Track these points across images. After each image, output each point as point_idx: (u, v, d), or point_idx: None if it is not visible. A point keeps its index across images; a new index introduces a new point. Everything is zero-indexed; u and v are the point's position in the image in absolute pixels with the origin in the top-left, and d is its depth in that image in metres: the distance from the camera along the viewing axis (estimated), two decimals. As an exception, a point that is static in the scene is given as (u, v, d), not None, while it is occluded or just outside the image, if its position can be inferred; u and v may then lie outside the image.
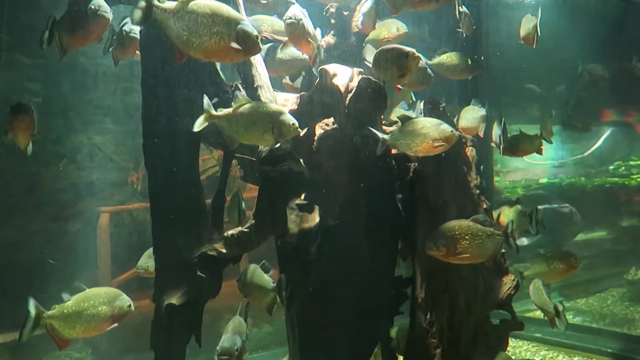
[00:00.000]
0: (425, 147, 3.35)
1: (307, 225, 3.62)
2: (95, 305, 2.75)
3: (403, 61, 3.28)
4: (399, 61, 3.29)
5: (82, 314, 2.72)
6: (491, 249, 3.38)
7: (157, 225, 3.43)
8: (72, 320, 2.72)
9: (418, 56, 3.31)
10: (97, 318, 2.75)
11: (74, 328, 2.73)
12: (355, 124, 3.67)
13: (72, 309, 2.72)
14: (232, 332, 3.06)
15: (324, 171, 3.78)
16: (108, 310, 2.77)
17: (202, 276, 3.32)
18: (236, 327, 3.13)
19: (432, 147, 3.34)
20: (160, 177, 3.42)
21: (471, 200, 3.93)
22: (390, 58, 3.32)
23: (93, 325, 2.76)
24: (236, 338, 3.01)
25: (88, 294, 2.77)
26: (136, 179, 5.97)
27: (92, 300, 2.75)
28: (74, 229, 5.63)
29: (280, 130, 3.06)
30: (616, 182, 8.97)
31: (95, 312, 2.74)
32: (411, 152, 3.46)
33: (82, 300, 2.75)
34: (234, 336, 3.02)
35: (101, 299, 2.78)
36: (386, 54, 3.33)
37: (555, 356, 5.44)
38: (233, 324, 3.15)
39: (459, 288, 3.77)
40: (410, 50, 3.30)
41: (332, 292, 3.80)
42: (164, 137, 3.36)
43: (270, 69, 3.82)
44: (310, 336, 3.81)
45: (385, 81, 3.50)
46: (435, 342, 3.66)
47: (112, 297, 2.81)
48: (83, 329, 2.75)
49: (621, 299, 7.15)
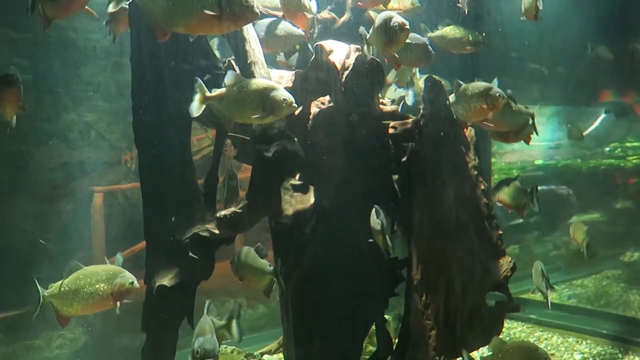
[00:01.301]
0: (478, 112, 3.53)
1: (301, 206, 3.56)
2: (93, 282, 2.71)
3: (392, 31, 3.20)
4: (388, 30, 3.21)
5: (79, 292, 2.69)
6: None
7: (147, 205, 3.36)
8: (70, 297, 2.70)
9: (407, 29, 3.22)
10: (96, 295, 2.71)
11: (72, 305, 2.71)
12: (351, 102, 3.58)
13: (69, 286, 2.69)
14: (210, 333, 2.83)
15: (320, 151, 3.70)
16: (107, 288, 2.72)
17: (194, 257, 3.26)
18: (210, 327, 2.90)
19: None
20: (151, 156, 3.34)
21: (469, 181, 3.87)
22: (381, 25, 3.24)
23: (92, 303, 2.72)
24: (214, 339, 2.80)
25: (86, 271, 2.73)
26: (130, 158, 5.88)
27: (89, 278, 2.71)
28: (66, 209, 5.56)
29: (272, 108, 2.96)
30: (612, 164, 8.95)
31: (93, 290, 2.71)
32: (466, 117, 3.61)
33: (79, 278, 2.71)
34: (213, 337, 2.81)
35: (100, 277, 2.73)
36: (379, 20, 3.26)
37: (550, 337, 5.46)
38: (208, 325, 2.90)
39: (455, 270, 3.74)
40: (401, 21, 3.21)
41: (327, 274, 3.76)
42: (154, 114, 3.26)
43: (265, 45, 3.71)
44: (304, 317, 3.78)
45: (375, 48, 3.42)
46: (431, 324, 3.63)
47: (112, 274, 2.76)
48: (81, 306, 2.71)
49: (616, 280, 7.18)
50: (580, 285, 7.20)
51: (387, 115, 3.84)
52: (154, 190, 3.35)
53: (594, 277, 7.40)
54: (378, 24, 3.29)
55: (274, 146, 3.32)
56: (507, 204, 4.07)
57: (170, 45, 3.26)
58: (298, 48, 3.87)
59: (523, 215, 4.05)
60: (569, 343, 5.28)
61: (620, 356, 4.90)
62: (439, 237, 3.68)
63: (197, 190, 3.43)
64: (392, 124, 3.78)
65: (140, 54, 3.25)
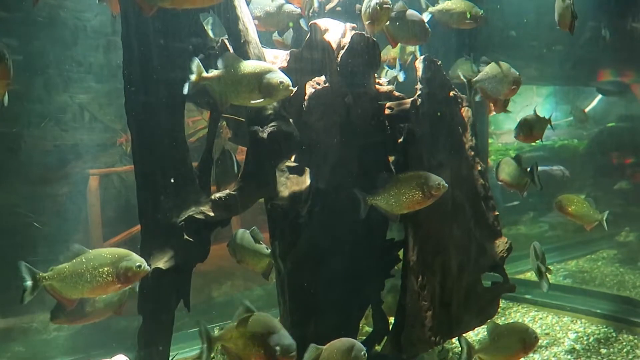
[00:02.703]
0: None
1: (297, 188, 3.53)
2: (96, 266, 2.67)
3: (373, 10, 3.21)
4: (370, 9, 3.23)
5: (82, 275, 2.66)
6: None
7: (141, 188, 3.31)
8: (73, 280, 2.67)
9: (387, 7, 3.23)
10: (100, 279, 2.67)
11: (76, 288, 2.68)
12: (347, 82, 3.53)
13: (71, 269, 2.66)
14: (279, 327, 2.72)
15: (315, 131, 3.66)
16: (112, 271, 2.68)
17: (189, 240, 3.23)
18: (276, 321, 2.80)
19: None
20: (144, 138, 3.28)
21: (466, 162, 3.85)
22: (365, 4, 3.26)
23: (97, 286, 2.69)
24: (287, 334, 2.70)
25: (90, 254, 2.69)
26: (125, 141, 5.82)
27: (93, 261, 2.67)
28: (62, 192, 5.52)
29: (268, 90, 2.92)
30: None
31: (97, 273, 2.67)
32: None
33: (82, 261, 2.68)
34: (284, 331, 2.71)
35: (104, 260, 2.69)
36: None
37: (545, 317, 5.50)
38: (272, 319, 2.78)
39: (451, 251, 3.74)
40: (382, 0, 3.20)
41: (323, 255, 3.75)
42: (146, 95, 3.20)
43: (258, 23, 3.64)
44: (301, 299, 3.78)
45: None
46: (427, 304, 3.64)
47: (117, 257, 2.71)
48: (87, 289, 2.69)
49: (611, 260, 7.22)
50: (575, 265, 7.24)
51: (384, 96, 3.80)
52: (147, 173, 3.31)
53: (589, 257, 7.44)
54: (365, 3, 3.30)
55: (268, 127, 3.28)
56: (508, 184, 4.06)
57: (162, 24, 3.18)
58: (291, 25, 3.80)
59: (523, 194, 4.04)
60: (563, 323, 5.32)
61: (614, 335, 4.94)
62: (435, 217, 3.66)
63: (192, 173, 3.39)
64: (388, 105, 3.74)
65: (131, 33, 3.17)
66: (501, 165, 4.07)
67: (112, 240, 5.58)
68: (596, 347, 4.74)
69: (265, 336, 2.69)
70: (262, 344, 2.68)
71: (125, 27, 3.22)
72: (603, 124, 9.24)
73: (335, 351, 2.69)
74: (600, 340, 4.86)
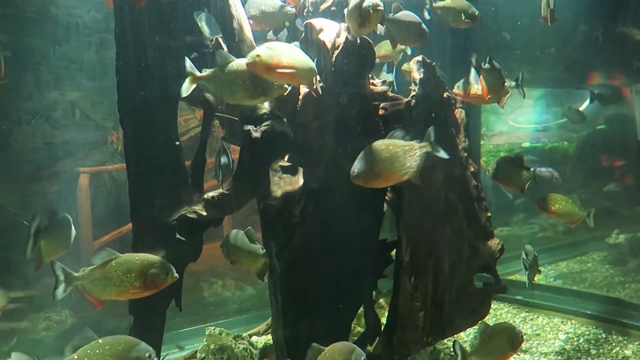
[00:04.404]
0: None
1: (290, 188, 3.52)
2: (125, 270, 2.75)
3: (365, 11, 3.14)
4: (361, 11, 3.15)
5: (111, 278, 2.74)
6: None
7: (133, 187, 3.29)
8: (102, 283, 2.75)
9: (380, 9, 3.16)
10: (127, 283, 2.76)
11: (105, 290, 2.76)
12: (341, 82, 3.52)
13: (101, 272, 2.74)
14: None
15: (309, 131, 3.65)
16: (139, 277, 2.76)
17: (181, 239, 3.21)
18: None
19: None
20: (136, 136, 3.26)
21: (459, 163, 3.85)
22: (355, 6, 3.19)
23: (124, 290, 2.77)
24: None
25: (120, 259, 2.77)
26: (116, 139, 5.78)
27: (122, 266, 2.75)
28: (51, 190, 5.47)
29: (263, 89, 2.91)
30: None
31: (125, 278, 2.75)
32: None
33: (112, 265, 2.75)
34: None
35: (133, 265, 2.77)
36: (354, 0, 3.21)
37: (536, 317, 5.52)
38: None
39: (443, 251, 3.74)
40: (375, 2, 3.15)
41: (316, 255, 3.74)
42: (139, 93, 3.17)
43: (254, 23, 3.63)
44: (293, 299, 3.77)
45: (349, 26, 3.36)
46: (419, 305, 3.64)
47: (146, 263, 2.79)
48: (114, 292, 2.77)
49: (602, 262, 7.26)
50: (565, 266, 7.28)
51: (378, 96, 3.80)
52: (139, 171, 3.28)
53: (579, 258, 7.48)
54: (352, 4, 3.22)
55: (262, 127, 3.26)
56: (508, 183, 4.06)
57: (156, 21, 3.16)
58: (287, 25, 3.79)
59: (525, 193, 4.03)
60: (554, 323, 5.35)
61: (604, 336, 4.97)
62: (428, 218, 3.67)
63: (184, 172, 3.37)
64: (382, 105, 3.74)
65: (124, 30, 3.14)
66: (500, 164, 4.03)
67: (102, 239, 5.53)
68: (586, 347, 4.78)
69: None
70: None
71: (119, 24, 3.19)
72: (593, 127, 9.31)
73: (337, 352, 2.70)
74: (590, 341, 4.89)
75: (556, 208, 4.26)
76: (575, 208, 4.26)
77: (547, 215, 4.38)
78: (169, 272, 2.80)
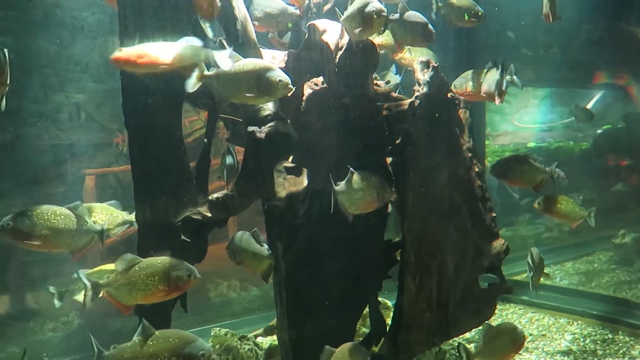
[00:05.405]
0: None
1: (294, 189, 3.53)
2: (149, 274, 2.79)
3: (368, 17, 3.13)
4: (364, 15, 3.14)
5: (136, 283, 2.78)
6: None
7: (138, 188, 3.30)
8: (127, 288, 2.79)
9: (384, 15, 3.15)
10: (152, 287, 2.80)
11: (131, 295, 2.80)
12: (345, 83, 3.53)
13: (125, 277, 2.77)
14: None
15: (313, 132, 3.65)
16: (163, 279, 2.80)
17: (186, 240, 3.22)
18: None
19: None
20: (141, 138, 3.27)
21: (463, 163, 3.85)
22: (359, 10, 3.17)
23: (149, 293, 2.81)
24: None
25: (143, 263, 2.81)
26: (121, 141, 5.80)
27: (146, 270, 2.79)
28: (57, 192, 5.49)
29: (267, 88, 2.92)
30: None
31: (149, 281, 2.79)
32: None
33: (136, 270, 2.80)
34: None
35: (156, 269, 2.81)
36: (356, 4, 3.19)
37: (541, 318, 5.50)
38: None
39: (448, 252, 3.73)
40: (379, 7, 3.14)
41: (320, 256, 3.74)
42: (143, 95, 3.19)
43: (258, 24, 3.64)
44: (297, 300, 3.78)
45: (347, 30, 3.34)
46: (424, 306, 3.64)
47: (169, 266, 2.82)
48: (140, 296, 2.81)
49: (608, 262, 7.22)
50: (571, 266, 7.25)
51: (382, 97, 3.80)
52: (144, 173, 3.29)
53: (585, 258, 7.45)
54: (353, 8, 3.20)
55: (266, 128, 3.27)
56: (520, 183, 4.03)
57: (161, 22, 3.17)
58: (290, 26, 3.80)
59: (539, 191, 4.00)
60: (560, 324, 5.33)
61: (610, 337, 4.95)
62: (432, 219, 3.66)
63: (189, 173, 3.38)
64: (386, 106, 3.74)
65: (128, 32, 3.16)
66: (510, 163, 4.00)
67: (108, 241, 5.54)
68: (592, 348, 4.75)
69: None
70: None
71: (123, 26, 3.21)
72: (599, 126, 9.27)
73: (346, 354, 2.72)
74: (596, 342, 4.87)
75: (555, 208, 4.23)
76: (575, 208, 4.23)
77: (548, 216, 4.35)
78: (192, 274, 2.84)
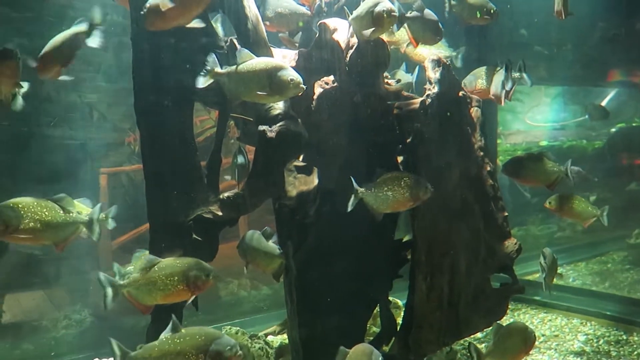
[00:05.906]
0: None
1: (305, 188, 3.52)
2: (168, 274, 2.82)
3: (379, 17, 3.14)
4: (375, 15, 3.16)
5: (155, 283, 2.82)
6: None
7: (150, 187, 3.33)
8: (147, 288, 2.83)
9: (395, 15, 3.17)
10: (171, 287, 2.84)
11: (151, 295, 2.84)
12: (356, 82, 3.52)
13: (145, 278, 2.81)
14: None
15: (323, 131, 3.65)
16: (182, 279, 2.83)
17: (197, 239, 3.24)
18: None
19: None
20: (152, 137, 3.30)
21: (475, 162, 3.82)
22: (368, 10, 3.19)
23: (169, 293, 2.85)
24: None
25: (162, 264, 2.84)
26: (134, 140, 5.84)
27: (165, 270, 2.82)
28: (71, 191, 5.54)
29: (278, 87, 2.93)
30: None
31: (169, 281, 2.83)
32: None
33: (155, 270, 2.83)
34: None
35: (175, 269, 2.84)
36: (367, 4, 3.20)
37: (554, 318, 5.45)
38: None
39: (459, 252, 3.72)
40: (389, 7, 3.15)
41: (331, 255, 3.74)
42: (155, 94, 3.21)
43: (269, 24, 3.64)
44: (308, 299, 3.78)
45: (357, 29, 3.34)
46: (435, 305, 3.63)
47: (187, 266, 2.86)
48: (160, 296, 2.85)
49: (622, 262, 7.14)
50: (585, 267, 7.18)
51: (392, 95, 3.79)
52: (156, 172, 3.32)
53: (599, 258, 7.37)
54: (363, 8, 3.21)
55: (276, 127, 3.27)
56: (533, 181, 3.99)
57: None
58: (301, 25, 3.80)
59: (553, 190, 3.95)
60: (573, 324, 5.28)
61: (624, 337, 4.89)
62: (443, 218, 3.65)
63: (200, 172, 3.40)
64: (397, 104, 3.73)
65: (140, 33, 3.18)
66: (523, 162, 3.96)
67: (120, 239, 5.59)
68: (606, 349, 4.70)
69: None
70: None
71: (135, 27, 3.23)
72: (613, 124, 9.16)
73: (359, 355, 2.72)
74: (610, 343, 4.81)
75: (567, 207, 4.18)
76: (587, 207, 4.18)
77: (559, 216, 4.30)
78: (210, 274, 2.88)
